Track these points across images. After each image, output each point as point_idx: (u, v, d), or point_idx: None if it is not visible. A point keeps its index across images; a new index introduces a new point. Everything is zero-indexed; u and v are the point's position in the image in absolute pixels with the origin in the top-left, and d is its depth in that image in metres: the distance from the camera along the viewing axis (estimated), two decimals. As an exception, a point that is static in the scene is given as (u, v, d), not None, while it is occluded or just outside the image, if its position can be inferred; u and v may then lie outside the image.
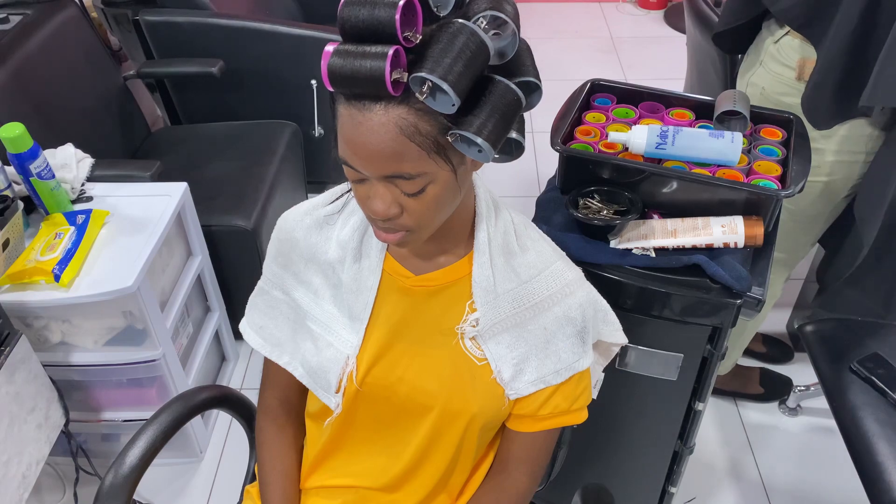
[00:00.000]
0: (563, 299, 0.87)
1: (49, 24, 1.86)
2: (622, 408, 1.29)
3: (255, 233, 1.81)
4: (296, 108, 2.26)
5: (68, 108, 1.86)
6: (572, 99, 1.27)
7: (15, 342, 1.26)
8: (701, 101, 1.26)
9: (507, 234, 0.86)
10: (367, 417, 0.92)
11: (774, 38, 1.32)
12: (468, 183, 0.80)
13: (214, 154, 2.07)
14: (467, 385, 0.86)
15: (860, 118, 1.26)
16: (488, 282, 0.83)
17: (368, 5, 0.61)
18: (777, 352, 1.99)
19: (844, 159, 1.32)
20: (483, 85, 0.67)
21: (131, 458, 0.96)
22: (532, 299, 0.85)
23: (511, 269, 0.85)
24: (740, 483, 1.72)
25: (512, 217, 0.89)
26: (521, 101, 0.69)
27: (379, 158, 0.66)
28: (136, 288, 1.35)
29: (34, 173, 1.39)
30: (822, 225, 1.48)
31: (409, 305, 0.87)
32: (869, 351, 1.34)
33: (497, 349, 0.86)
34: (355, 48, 0.63)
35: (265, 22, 2.16)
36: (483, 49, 0.64)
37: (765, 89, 1.37)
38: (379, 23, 0.61)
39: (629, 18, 3.88)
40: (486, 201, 0.86)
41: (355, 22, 0.62)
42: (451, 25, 0.64)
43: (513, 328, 0.86)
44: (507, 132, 0.69)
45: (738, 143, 1.11)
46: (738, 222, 1.06)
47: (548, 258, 0.88)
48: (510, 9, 0.67)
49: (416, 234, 0.76)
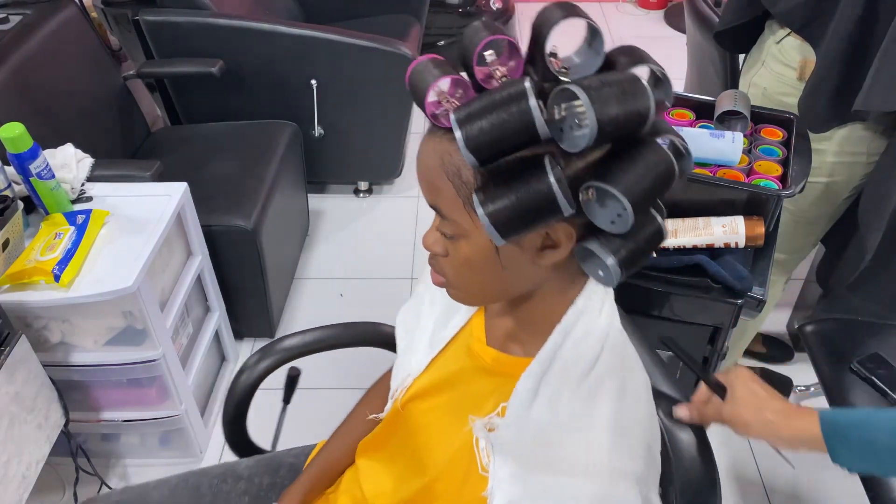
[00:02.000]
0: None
1: (49, 24, 1.85)
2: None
3: (254, 232, 1.81)
4: (296, 108, 2.26)
5: (68, 108, 1.86)
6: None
7: (15, 342, 1.25)
8: (701, 101, 1.26)
9: (581, 360, 0.67)
10: (397, 438, 0.89)
11: (776, 38, 1.32)
12: (544, 276, 0.66)
13: (214, 154, 2.07)
14: (459, 481, 0.75)
15: (857, 123, 1.26)
16: (528, 395, 0.68)
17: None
18: (777, 352, 1.99)
19: (845, 160, 1.32)
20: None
21: (293, 340, 1.10)
22: (553, 452, 0.67)
23: (557, 401, 0.67)
24: (740, 483, 1.72)
25: (608, 345, 0.69)
26: (674, 170, 0.56)
27: (423, 183, 0.64)
28: (135, 288, 1.35)
29: (34, 173, 1.39)
30: (823, 226, 1.48)
31: (468, 366, 0.79)
32: (869, 351, 1.33)
33: (501, 471, 0.70)
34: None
35: (265, 22, 2.16)
36: (671, 170, 0.56)
37: (766, 89, 1.37)
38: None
39: (629, 18, 3.88)
40: (588, 308, 0.68)
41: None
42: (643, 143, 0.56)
43: (523, 464, 0.68)
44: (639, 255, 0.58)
45: (738, 143, 1.11)
46: (738, 222, 1.06)
47: (592, 459, 0.64)
48: (646, 54, 0.59)
49: (454, 289, 0.69)
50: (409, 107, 2.37)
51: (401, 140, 2.47)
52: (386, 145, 2.48)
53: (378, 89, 2.28)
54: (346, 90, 2.26)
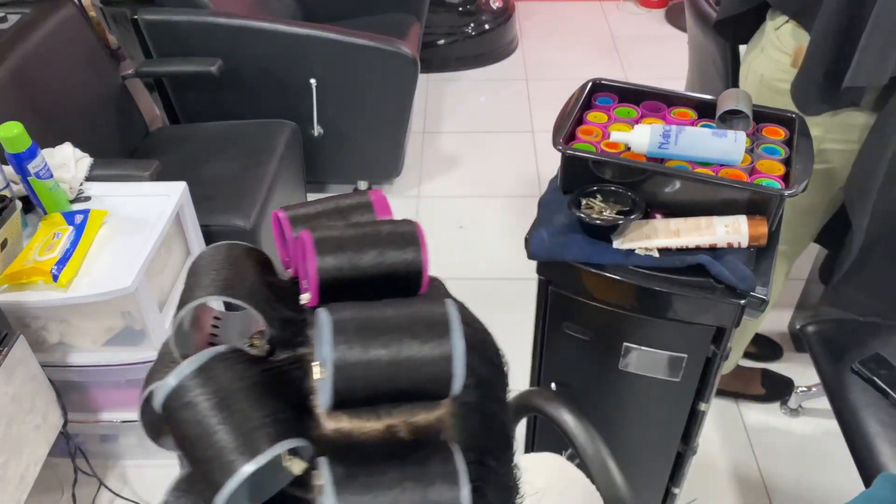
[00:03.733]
0: None
1: (47, 24, 1.85)
2: (626, 409, 1.28)
3: (253, 232, 1.80)
4: (295, 107, 2.25)
5: (67, 107, 1.85)
6: (573, 98, 1.26)
7: (13, 343, 1.25)
8: (703, 101, 1.25)
9: None
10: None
11: (776, 24, 1.35)
12: None
13: (213, 154, 2.06)
14: None
15: (850, 109, 1.27)
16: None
17: None
18: (767, 350, 1.99)
19: (838, 147, 1.33)
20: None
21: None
22: None
23: None
24: (742, 484, 1.72)
25: None
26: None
27: None
28: (134, 288, 1.35)
29: (32, 173, 1.38)
30: (820, 216, 1.48)
31: None
32: (871, 351, 1.33)
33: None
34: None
35: (264, 21, 2.15)
36: None
37: (763, 76, 1.38)
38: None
39: (630, 17, 3.87)
40: None
41: None
42: None
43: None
44: None
45: (741, 142, 1.10)
46: (741, 222, 1.06)
47: None
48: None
49: None
50: (408, 106, 2.37)
51: (400, 139, 2.46)
52: (385, 145, 2.47)
53: (378, 89, 2.27)
54: (346, 89, 2.26)
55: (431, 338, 0.30)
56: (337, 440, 0.31)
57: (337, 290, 0.33)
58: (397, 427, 0.31)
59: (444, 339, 0.30)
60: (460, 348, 0.29)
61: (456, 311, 0.30)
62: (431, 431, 0.32)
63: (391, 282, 0.34)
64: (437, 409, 0.32)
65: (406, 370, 0.29)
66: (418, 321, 0.30)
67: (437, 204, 2.62)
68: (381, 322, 0.30)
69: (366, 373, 0.29)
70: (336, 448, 0.30)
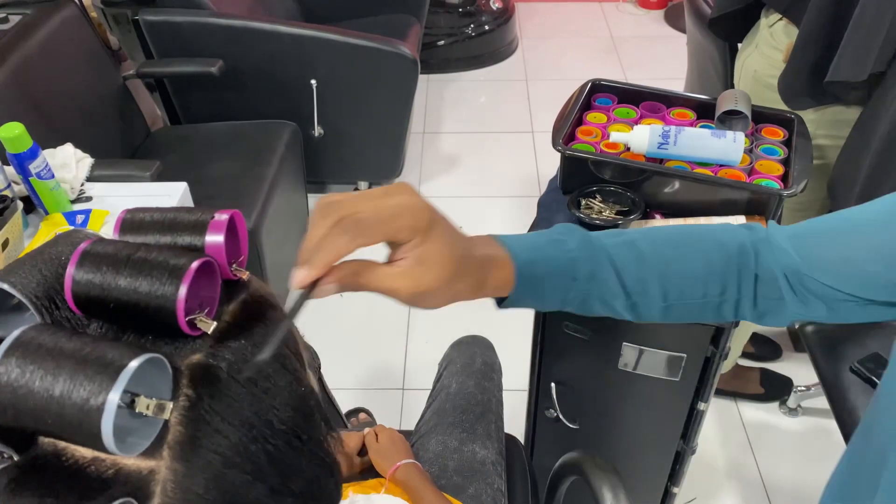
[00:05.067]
0: None
1: (48, 24, 1.85)
2: (626, 408, 1.29)
3: (254, 233, 1.80)
4: (296, 107, 2.25)
5: (68, 107, 1.85)
6: (573, 99, 1.27)
7: (14, 342, 1.25)
8: (702, 101, 1.26)
9: None
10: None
11: (770, 21, 1.36)
12: None
13: (214, 154, 2.06)
14: None
15: (839, 105, 1.28)
16: None
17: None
18: (766, 349, 1.99)
19: (830, 143, 1.34)
20: None
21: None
22: None
23: None
24: (741, 483, 1.72)
25: None
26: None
27: None
28: (136, 288, 1.35)
29: (33, 173, 1.39)
30: (816, 213, 1.48)
31: None
32: (869, 351, 1.33)
33: None
34: None
35: (265, 21, 2.16)
36: None
37: (757, 72, 1.39)
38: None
39: (629, 18, 3.88)
40: None
41: None
42: None
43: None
44: None
45: (740, 142, 1.11)
46: (740, 222, 1.06)
47: None
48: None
49: None
50: (409, 107, 2.37)
51: (400, 140, 2.46)
52: (385, 145, 2.47)
53: (378, 89, 2.28)
54: (346, 90, 2.26)
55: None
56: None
57: (95, 306, 0.33)
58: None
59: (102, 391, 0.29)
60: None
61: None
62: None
63: (143, 314, 0.33)
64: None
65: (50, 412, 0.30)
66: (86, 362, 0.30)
67: (437, 204, 2.57)
68: (51, 355, 0.30)
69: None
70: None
